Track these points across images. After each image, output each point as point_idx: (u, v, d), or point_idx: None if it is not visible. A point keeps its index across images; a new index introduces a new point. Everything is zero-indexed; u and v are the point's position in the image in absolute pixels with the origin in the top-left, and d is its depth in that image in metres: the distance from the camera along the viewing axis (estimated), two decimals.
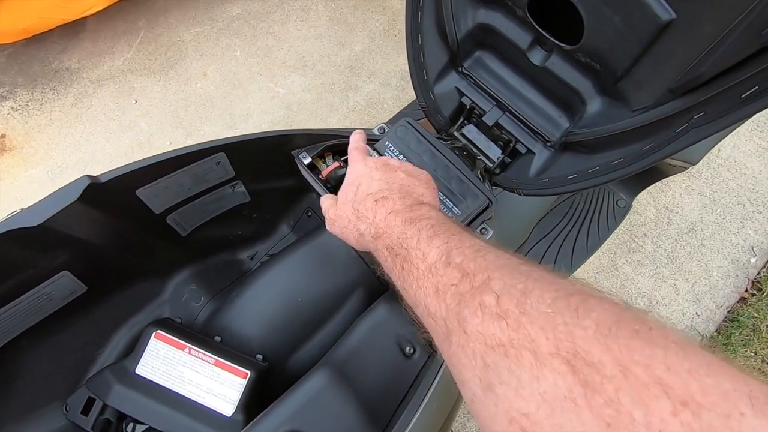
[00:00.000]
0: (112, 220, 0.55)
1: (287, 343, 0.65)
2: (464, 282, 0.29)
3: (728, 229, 1.37)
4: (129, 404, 0.56)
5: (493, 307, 0.26)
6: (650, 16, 0.43)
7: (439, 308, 0.30)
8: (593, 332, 0.22)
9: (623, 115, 0.51)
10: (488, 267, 0.29)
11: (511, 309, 0.25)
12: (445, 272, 0.31)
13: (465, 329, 0.27)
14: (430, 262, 0.33)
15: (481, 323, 0.26)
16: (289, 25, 1.70)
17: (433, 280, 0.32)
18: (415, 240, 0.35)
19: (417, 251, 0.34)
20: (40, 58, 1.65)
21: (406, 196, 0.42)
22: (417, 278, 0.33)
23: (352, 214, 0.44)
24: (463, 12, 0.61)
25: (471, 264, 0.30)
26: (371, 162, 0.47)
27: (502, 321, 0.25)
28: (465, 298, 0.28)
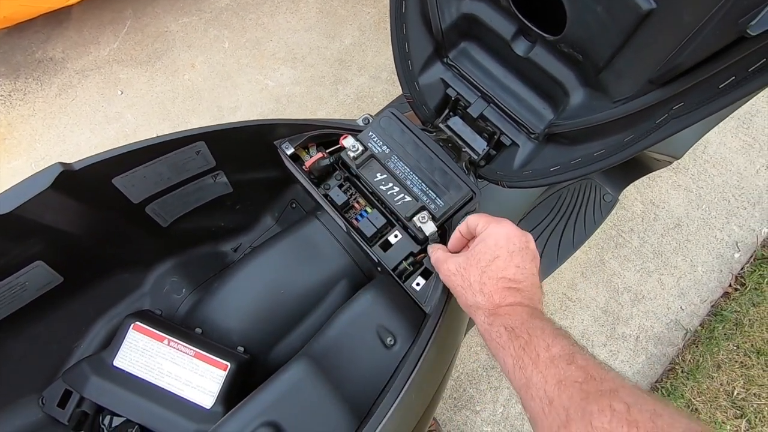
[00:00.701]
0: (88, 209, 0.54)
1: (269, 335, 0.64)
2: (590, 383, 0.32)
3: (713, 224, 1.39)
4: (106, 397, 0.55)
5: (624, 414, 0.28)
6: (631, 5, 0.42)
7: (560, 398, 0.33)
8: None
9: (605, 107, 0.51)
10: (614, 379, 0.32)
11: (642, 421, 0.27)
12: (568, 369, 0.34)
13: (591, 422, 0.29)
14: (553, 354, 0.36)
15: (610, 423, 0.28)
16: (279, 17, 1.68)
17: (554, 371, 0.34)
18: (539, 330, 0.38)
19: (541, 341, 0.37)
20: (22, 47, 1.61)
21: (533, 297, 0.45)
22: (536, 364, 0.36)
23: (477, 283, 0.46)
24: (448, 2, 0.60)
25: (596, 371, 0.33)
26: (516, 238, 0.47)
27: (633, 428, 0.27)
28: (592, 396, 0.31)
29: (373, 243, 0.60)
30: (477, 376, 1.25)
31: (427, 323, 0.51)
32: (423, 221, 0.57)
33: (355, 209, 0.64)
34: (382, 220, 0.61)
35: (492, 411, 1.22)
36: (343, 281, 0.67)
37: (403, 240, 0.60)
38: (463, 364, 1.26)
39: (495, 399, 1.23)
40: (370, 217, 0.61)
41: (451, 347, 0.58)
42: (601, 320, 1.29)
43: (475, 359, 1.26)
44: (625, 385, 0.32)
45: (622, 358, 1.26)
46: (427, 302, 0.55)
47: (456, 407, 1.22)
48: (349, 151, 0.61)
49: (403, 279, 0.58)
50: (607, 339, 1.28)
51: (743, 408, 1.18)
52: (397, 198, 0.59)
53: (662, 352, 1.27)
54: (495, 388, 1.24)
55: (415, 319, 0.56)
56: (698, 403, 1.20)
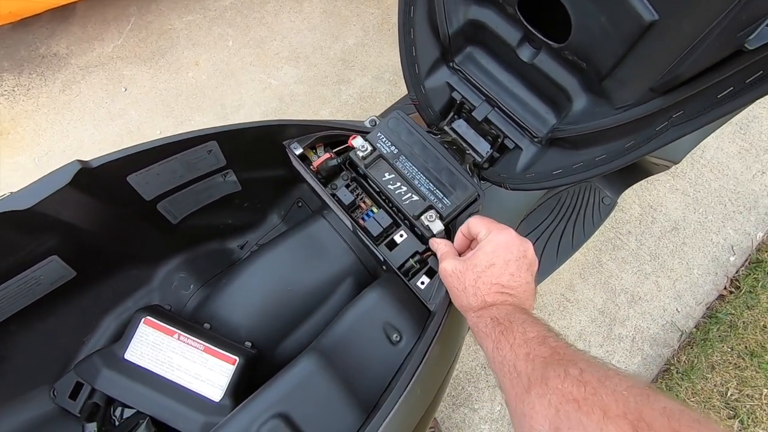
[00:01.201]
0: (102, 206, 0.55)
1: (276, 331, 0.66)
2: (553, 357, 0.36)
3: (710, 228, 1.41)
4: (117, 389, 0.56)
5: (576, 376, 0.32)
6: (634, 16, 0.44)
7: (526, 368, 0.37)
8: (659, 413, 0.26)
9: (607, 113, 0.52)
10: (575, 354, 0.36)
11: (591, 381, 0.31)
12: (538, 348, 0.38)
13: (546, 383, 0.33)
14: (528, 337, 0.40)
15: (563, 383, 0.32)
16: (283, 17, 1.69)
17: (526, 348, 0.38)
18: (520, 321, 0.42)
19: (520, 327, 0.41)
20: (27, 43, 1.62)
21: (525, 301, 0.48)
22: (512, 344, 0.40)
23: (472, 286, 0.48)
24: (455, 8, 0.62)
25: (562, 350, 0.37)
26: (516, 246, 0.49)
27: (582, 386, 0.31)
28: (552, 364, 0.35)
29: (379, 242, 0.62)
30: (476, 374, 1.27)
31: (431, 321, 0.53)
32: (430, 220, 0.59)
33: (361, 209, 0.66)
34: (388, 219, 0.62)
35: (490, 409, 1.24)
36: (349, 279, 0.69)
37: (409, 239, 0.61)
38: (462, 363, 1.28)
39: (493, 397, 1.24)
40: (377, 217, 0.62)
41: (454, 344, 0.59)
42: (598, 321, 1.31)
43: (474, 358, 1.28)
44: (586, 358, 0.35)
45: (619, 358, 1.28)
46: (432, 300, 0.57)
47: (454, 405, 1.24)
48: (358, 151, 0.62)
49: (409, 277, 0.59)
50: (604, 340, 1.30)
51: (736, 409, 1.20)
52: (404, 197, 0.61)
53: (658, 353, 1.29)
54: (493, 387, 1.25)
55: (419, 317, 0.57)
56: (692, 403, 1.22)
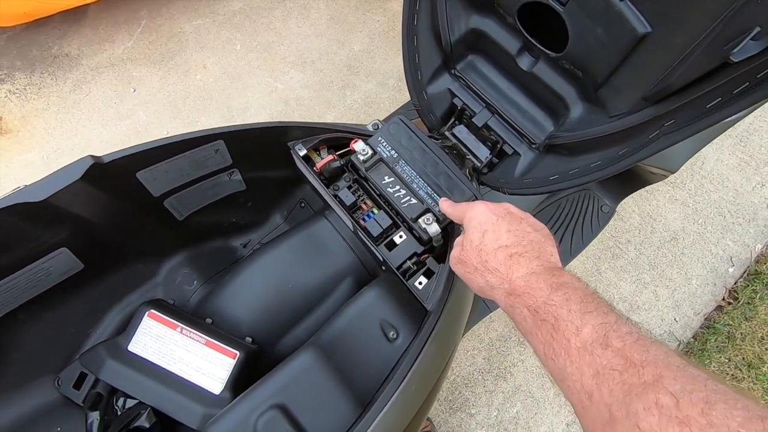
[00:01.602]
0: (111, 200, 0.57)
1: (276, 327, 0.67)
2: (630, 371, 0.29)
3: (709, 239, 1.42)
4: (120, 379, 0.58)
5: (672, 410, 0.25)
6: (628, 28, 0.46)
7: (600, 392, 0.30)
8: None
9: (602, 121, 0.54)
10: (656, 363, 0.28)
11: (694, 416, 0.24)
12: (604, 354, 0.30)
13: (638, 424, 0.26)
14: (584, 338, 0.32)
15: (658, 423, 0.25)
16: (290, 22, 1.73)
17: (589, 359, 0.31)
18: (565, 310, 0.35)
19: (569, 323, 0.34)
20: (39, 43, 1.65)
21: (541, 256, 0.42)
22: (568, 352, 0.33)
23: (479, 263, 0.44)
24: (457, 17, 0.64)
25: (634, 354, 0.30)
26: (494, 208, 0.47)
27: (685, 427, 0.24)
28: (635, 390, 0.27)
29: (379, 242, 0.63)
30: (473, 379, 1.27)
31: (428, 320, 0.54)
32: (428, 222, 0.60)
33: (362, 210, 0.67)
34: (388, 221, 0.64)
35: (486, 414, 1.24)
36: (349, 278, 0.70)
37: (408, 241, 0.63)
38: (459, 367, 1.28)
39: (490, 402, 1.25)
40: (377, 218, 0.64)
41: (450, 344, 0.61)
42: None
43: (472, 362, 1.29)
44: (670, 366, 0.28)
45: None
46: (429, 300, 0.58)
47: (451, 409, 1.25)
48: (359, 155, 0.64)
49: (407, 277, 0.61)
50: None
51: None
52: (403, 200, 0.62)
53: None
54: (490, 392, 1.26)
55: (416, 316, 0.59)
56: None
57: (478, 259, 0.44)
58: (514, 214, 0.46)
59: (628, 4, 0.45)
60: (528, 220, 0.46)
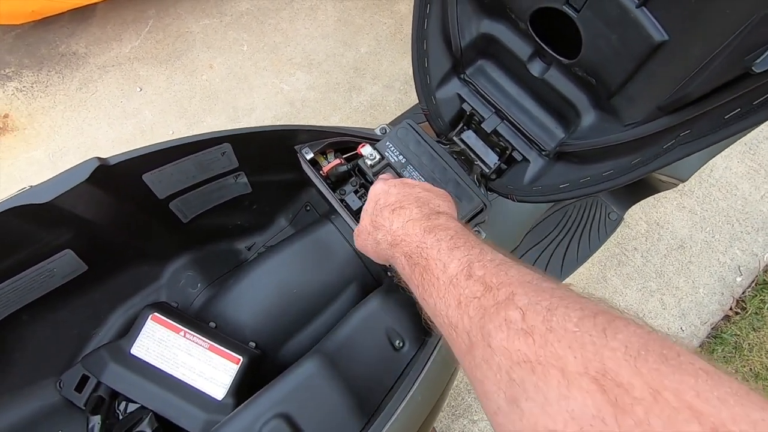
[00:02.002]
0: (116, 202, 0.56)
1: (280, 332, 0.66)
2: (487, 295, 0.30)
3: (716, 247, 1.40)
4: (123, 383, 0.57)
5: (519, 323, 0.26)
6: (644, 36, 0.45)
7: (462, 320, 0.30)
8: (622, 354, 0.22)
9: (615, 129, 0.53)
10: (511, 282, 0.30)
11: (536, 325, 0.26)
12: (467, 285, 0.31)
13: (490, 343, 0.27)
14: (451, 273, 0.33)
15: (507, 338, 0.26)
16: (297, 23, 1.72)
17: (454, 292, 0.32)
18: (435, 250, 0.35)
19: (437, 261, 0.35)
20: (47, 41, 1.66)
21: (423, 206, 0.42)
22: (437, 289, 0.34)
23: (370, 224, 0.45)
24: (468, 21, 0.63)
25: (493, 278, 0.30)
26: (390, 180, 0.49)
27: (529, 337, 0.25)
28: (489, 312, 0.28)
29: None
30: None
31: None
32: None
33: None
34: None
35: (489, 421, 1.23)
36: (354, 284, 0.70)
37: None
38: (462, 373, 1.27)
39: None
40: None
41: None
42: None
43: None
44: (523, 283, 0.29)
45: None
46: None
47: (454, 415, 1.23)
48: (366, 159, 0.63)
49: None
50: None
51: None
52: None
53: None
54: None
55: (422, 324, 0.58)
56: None
57: (369, 222, 0.46)
58: (408, 183, 0.48)
59: (644, 12, 0.44)
60: (422, 186, 0.47)
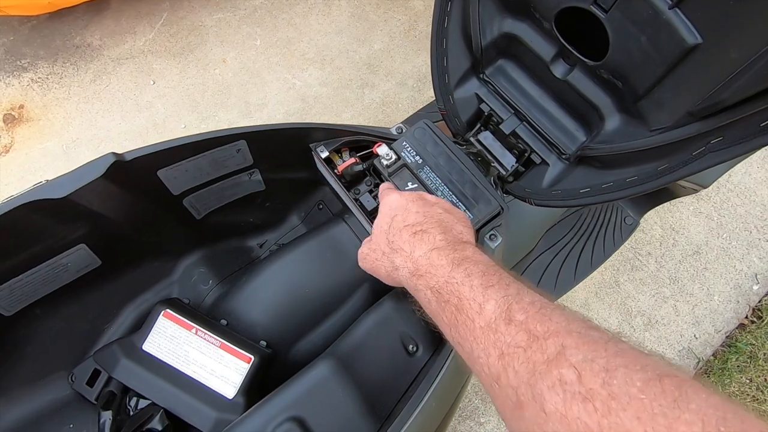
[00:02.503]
0: (131, 198, 0.56)
1: (291, 332, 0.66)
2: (534, 347, 0.27)
3: (733, 254, 1.37)
4: (134, 379, 0.57)
5: (575, 385, 0.24)
6: (677, 39, 0.43)
7: (506, 375, 0.28)
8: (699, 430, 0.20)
9: (641, 134, 0.51)
10: (558, 331, 0.27)
11: (596, 389, 0.23)
12: (508, 331, 0.29)
13: (543, 407, 0.25)
14: (488, 317, 0.31)
15: (563, 403, 0.24)
16: (311, 19, 1.71)
17: (493, 338, 0.29)
18: (467, 287, 0.33)
19: (471, 302, 0.32)
20: (62, 33, 1.66)
21: (447, 232, 0.39)
22: (473, 332, 0.31)
23: (386, 245, 0.42)
24: (490, 20, 0.62)
25: (537, 325, 0.28)
26: (407, 194, 0.46)
27: (589, 403, 0.23)
28: (539, 369, 0.26)
29: None
30: (483, 387, 1.25)
31: None
32: None
33: None
34: None
35: (496, 423, 1.22)
36: (366, 285, 0.69)
37: None
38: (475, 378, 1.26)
39: None
40: None
41: None
42: None
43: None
44: (572, 333, 0.27)
45: None
46: None
47: (461, 417, 1.23)
48: (382, 159, 0.62)
49: None
50: None
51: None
52: None
53: None
54: None
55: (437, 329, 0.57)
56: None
57: (386, 242, 0.42)
58: (427, 200, 0.45)
59: (678, 13, 0.43)
60: (441, 205, 0.45)
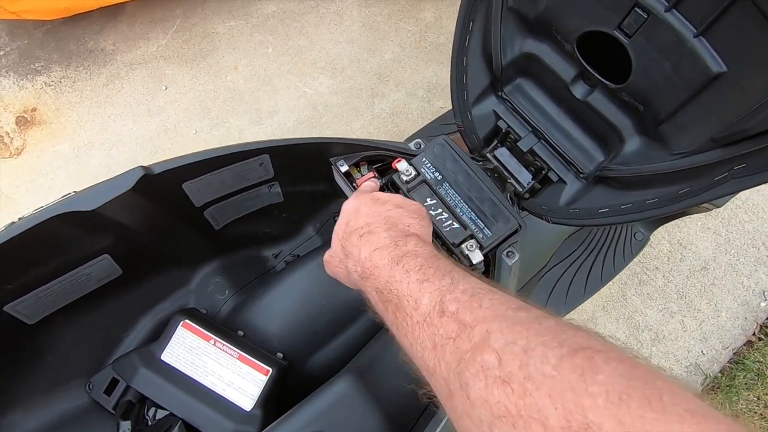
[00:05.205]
0: (155, 210, 0.57)
1: (307, 344, 0.66)
2: (462, 337, 0.28)
3: (741, 271, 1.37)
4: (152, 389, 0.57)
5: (495, 369, 0.24)
6: (701, 66, 0.44)
7: (439, 366, 0.28)
8: (603, 401, 0.21)
9: (662, 157, 0.52)
10: (486, 317, 0.28)
11: (514, 372, 0.24)
12: (441, 323, 0.29)
13: (468, 395, 0.25)
14: (423, 311, 0.31)
15: (485, 388, 0.24)
16: (323, 28, 1.73)
17: (429, 332, 0.30)
18: (404, 284, 0.33)
19: (408, 298, 0.32)
20: (76, 37, 1.68)
21: (392, 228, 0.39)
22: (412, 329, 0.31)
23: (341, 251, 0.42)
24: (511, 40, 0.63)
25: (467, 314, 0.28)
26: (361, 197, 0.46)
27: (507, 386, 0.24)
28: (465, 357, 0.26)
29: None
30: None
31: None
32: (470, 249, 0.59)
33: None
34: None
35: None
36: None
37: None
38: None
39: None
40: None
41: None
42: None
43: None
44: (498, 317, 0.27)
45: None
46: None
47: None
48: (402, 175, 0.63)
49: None
50: None
51: None
52: (445, 224, 0.61)
53: None
54: None
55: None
56: None
57: (340, 248, 0.43)
58: (378, 199, 0.45)
59: (702, 41, 0.44)
60: (393, 201, 0.44)
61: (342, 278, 0.46)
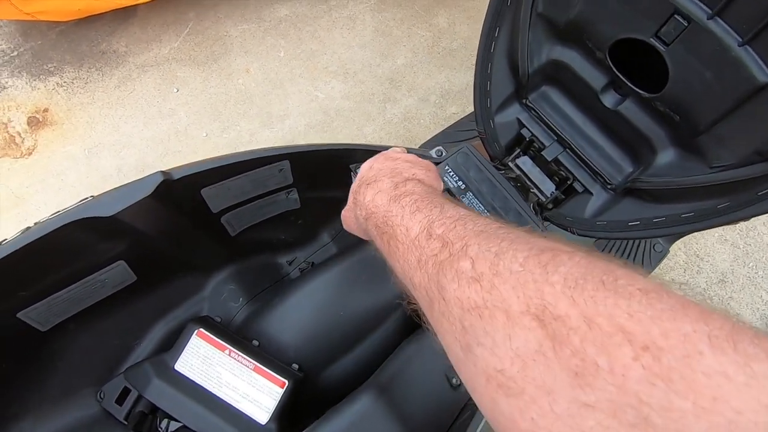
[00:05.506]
0: (172, 215, 0.55)
1: (324, 355, 0.65)
2: (444, 251, 0.30)
3: (760, 284, 1.34)
4: (166, 400, 0.56)
5: (469, 272, 0.26)
6: (746, 76, 0.42)
7: (422, 279, 0.30)
8: (561, 287, 0.22)
9: (699, 170, 0.50)
10: (467, 234, 0.30)
11: (484, 272, 0.26)
12: (427, 244, 0.31)
13: (444, 296, 0.27)
14: (413, 236, 0.33)
15: (458, 288, 0.26)
16: (335, 32, 1.72)
17: (416, 252, 0.32)
18: (399, 217, 0.36)
19: (401, 227, 0.35)
20: (89, 39, 1.68)
21: (395, 176, 0.42)
22: (402, 252, 0.33)
23: (353, 203, 0.45)
24: (539, 47, 0.61)
25: (451, 233, 0.31)
26: (375, 157, 0.49)
27: (477, 284, 0.26)
28: (444, 266, 0.29)
29: None
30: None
31: None
32: None
33: None
34: None
35: None
36: (401, 309, 0.67)
37: None
38: None
39: None
40: None
41: None
42: None
43: None
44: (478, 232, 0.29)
45: None
46: None
47: None
48: None
49: None
50: None
51: None
52: None
53: None
54: None
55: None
56: None
57: (352, 200, 0.45)
58: (391, 156, 0.47)
59: (748, 50, 0.42)
60: (405, 157, 0.46)
61: (354, 229, 0.48)
